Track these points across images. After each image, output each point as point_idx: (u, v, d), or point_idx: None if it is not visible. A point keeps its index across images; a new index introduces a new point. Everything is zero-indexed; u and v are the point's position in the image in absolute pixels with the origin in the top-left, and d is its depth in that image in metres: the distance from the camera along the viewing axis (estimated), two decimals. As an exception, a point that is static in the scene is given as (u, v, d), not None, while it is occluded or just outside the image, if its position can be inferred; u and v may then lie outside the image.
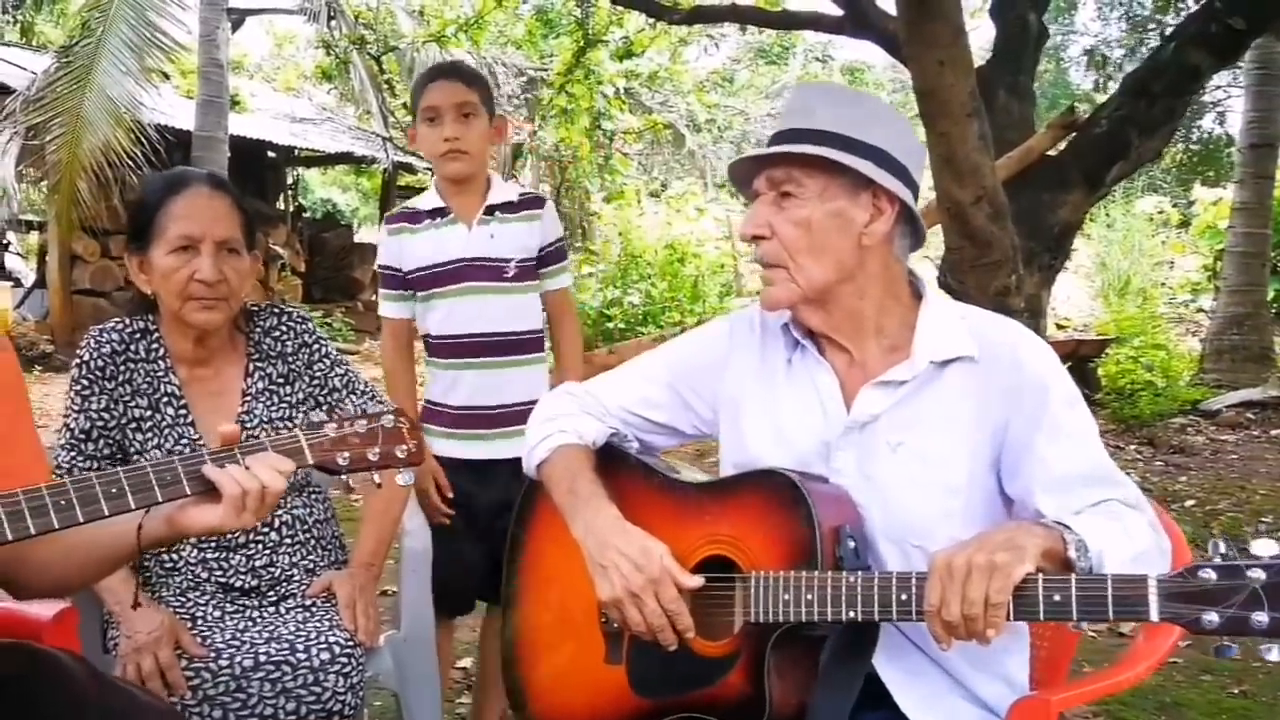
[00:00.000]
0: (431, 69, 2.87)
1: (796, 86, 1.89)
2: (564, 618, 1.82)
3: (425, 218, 2.72)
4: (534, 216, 2.73)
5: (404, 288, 2.73)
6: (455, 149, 2.63)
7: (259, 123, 13.91)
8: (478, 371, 2.68)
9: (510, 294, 2.69)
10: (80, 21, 9.98)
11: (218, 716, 1.94)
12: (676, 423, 1.89)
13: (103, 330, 2.18)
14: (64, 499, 1.40)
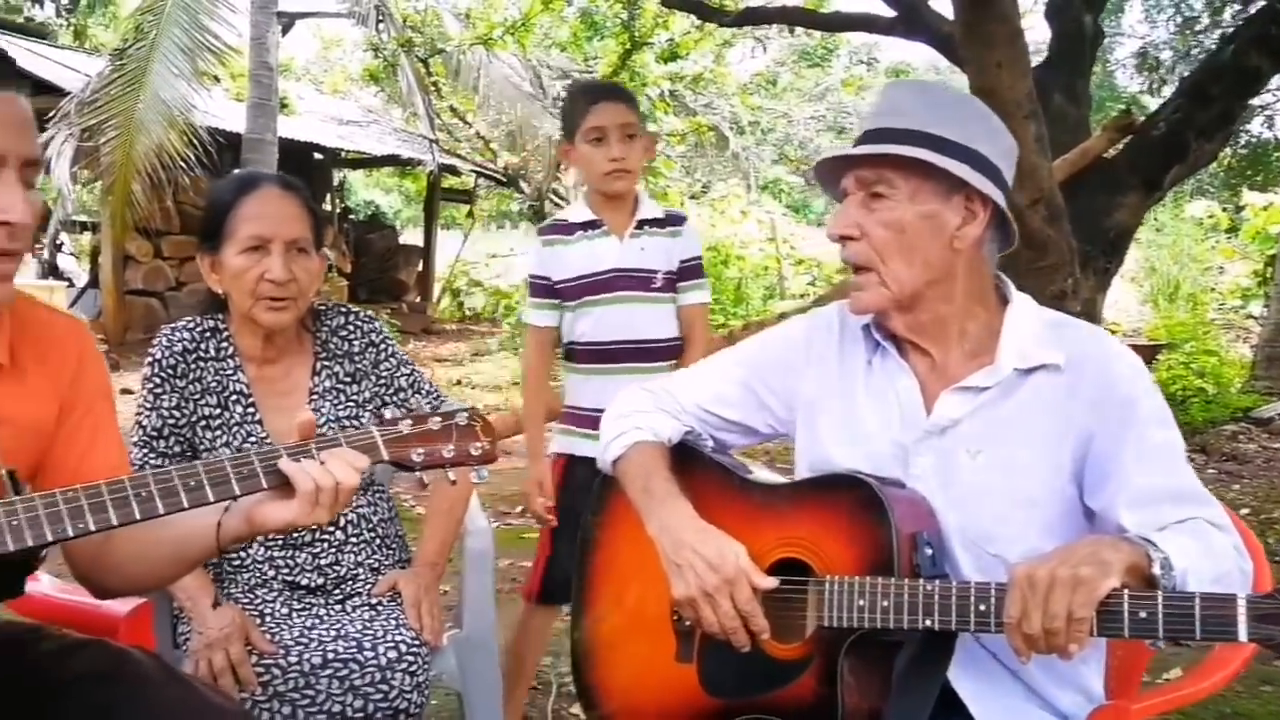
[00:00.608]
0: (591, 89, 3.06)
1: (887, 84, 1.87)
2: (636, 615, 1.82)
3: (578, 229, 2.83)
4: (677, 232, 2.86)
5: (552, 296, 2.83)
6: (621, 168, 2.75)
7: (307, 125, 14.04)
8: (621, 377, 2.73)
9: (656, 304, 2.82)
10: (134, 25, 10.12)
11: (287, 713, 1.96)
12: (751, 421, 1.88)
13: (174, 329, 2.20)
14: (144, 491, 1.41)
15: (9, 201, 1.40)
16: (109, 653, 1.55)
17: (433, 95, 13.63)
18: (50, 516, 1.36)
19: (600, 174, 2.78)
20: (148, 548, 1.59)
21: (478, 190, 17.58)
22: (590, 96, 2.87)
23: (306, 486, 1.47)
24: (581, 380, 2.85)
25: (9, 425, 1.46)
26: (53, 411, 1.57)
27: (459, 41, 12.41)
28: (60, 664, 1.50)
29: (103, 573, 1.61)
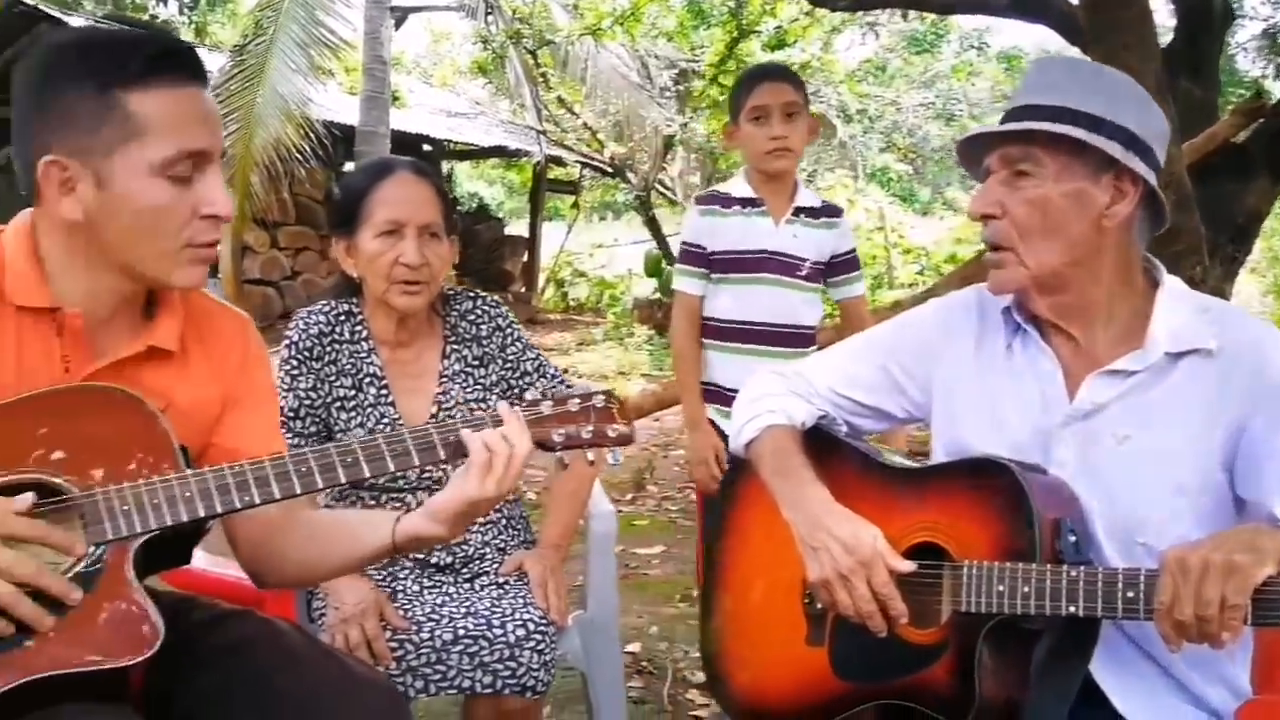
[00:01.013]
0: (756, 70, 3.10)
1: (1038, 61, 1.84)
2: (767, 598, 1.83)
3: (735, 204, 2.88)
4: (833, 224, 2.90)
5: (704, 265, 2.88)
6: (782, 147, 2.79)
7: (417, 117, 14.25)
8: (756, 359, 2.80)
9: (800, 290, 2.85)
10: (254, 21, 10.37)
11: (419, 687, 2.00)
12: (886, 406, 1.86)
13: (310, 312, 2.26)
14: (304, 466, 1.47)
15: (220, 195, 1.47)
16: (258, 623, 1.59)
17: (540, 86, 13.73)
18: (220, 489, 1.42)
19: (761, 152, 2.81)
20: (317, 541, 1.63)
21: (583, 181, 17.68)
22: (754, 76, 2.92)
23: (481, 456, 1.51)
24: (718, 357, 2.90)
25: (176, 409, 1.51)
26: (216, 400, 1.62)
27: (567, 32, 12.48)
28: (212, 633, 1.55)
29: (269, 563, 1.65)
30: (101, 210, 1.42)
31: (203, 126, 1.45)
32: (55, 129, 1.42)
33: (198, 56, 1.50)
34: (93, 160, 1.41)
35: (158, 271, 1.47)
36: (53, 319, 1.47)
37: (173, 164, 1.42)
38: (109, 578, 1.34)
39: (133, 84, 1.40)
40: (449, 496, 1.53)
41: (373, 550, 1.59)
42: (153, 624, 1.32)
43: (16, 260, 1.47)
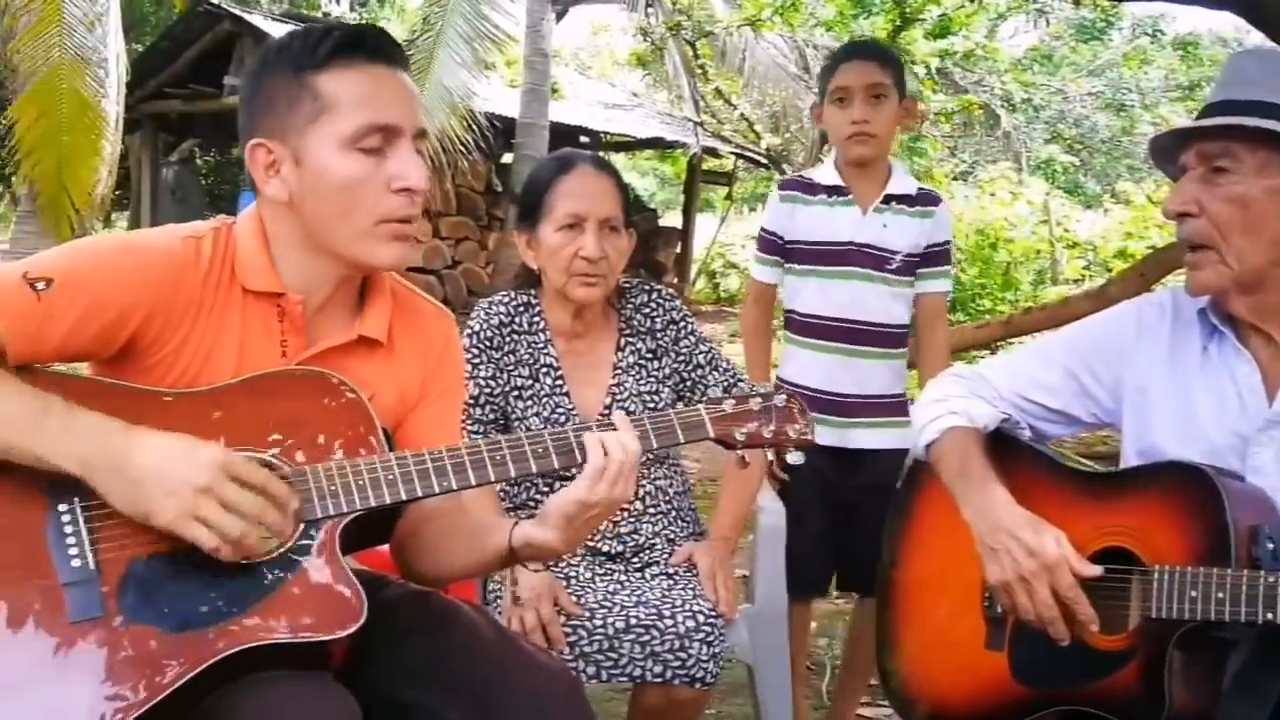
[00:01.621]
0: (844, 48, 2.87)
1: (1236, 55, 1.77)
2: (945, 600, 1.81)
3: (820, 191, 2.70)
4: (928, 213, 2.67)
5: (779, 254, 2.74)
6: (862, 131, 2.60)
7: (574, 109, 14.43)
8: (840, 358, 2.66)
9: (889, 285, 2.65)
10: (422, 16, 10.65)
11: (591, 673, 2.04)
12: (1073, 410, 1.82)
13: (491, 303, 2.32)
14: (498, 454, 1.53)
15: (415, 170, 1.51)
16: (444, 604, 1.64)
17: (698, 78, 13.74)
18: (420, 473, 1.48)
19: (842, 137, 2.63)
20: (451, 540, 1.67)
21: (736, 172, 17.64)
22: (841, 55, 2.74)
23: (596, 458, 1.53)
24: (795, 352, 2.74)
25: (380, 397, 1.58)
26: (415, 391, 1.69)
27: (726, 24, 12.46)
28: (401, 611, 1.60)
29: (413, 552, 1.70)
30: (301, 188, 1.51)
31: (388, 101, 1.51)
32: (260, 116, 1.53)
33: (388, 40, 1.56)
34: (290, 139, 1.50)
35: (357, 251, 1.53)
36: (276, 304, 1.56)
37: (360, 137, 1.48)
38: (319, 554, 1.41)
39: (322, 66, 1.49)
40: (557, 497, 1.55)
41: (492, 555, 1.62)
42: (360, 600, 1.38)
43: (247, 245, 1.56)
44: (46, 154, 9.50)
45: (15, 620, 1.27)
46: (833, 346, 2.67)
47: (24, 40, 9.23)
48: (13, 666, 1.25)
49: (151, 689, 1.26)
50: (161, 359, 1.50)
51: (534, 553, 1.59)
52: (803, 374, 2.71)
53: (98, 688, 1.25)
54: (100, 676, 1.26)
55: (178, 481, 1.31)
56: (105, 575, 1.33)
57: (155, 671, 1.28)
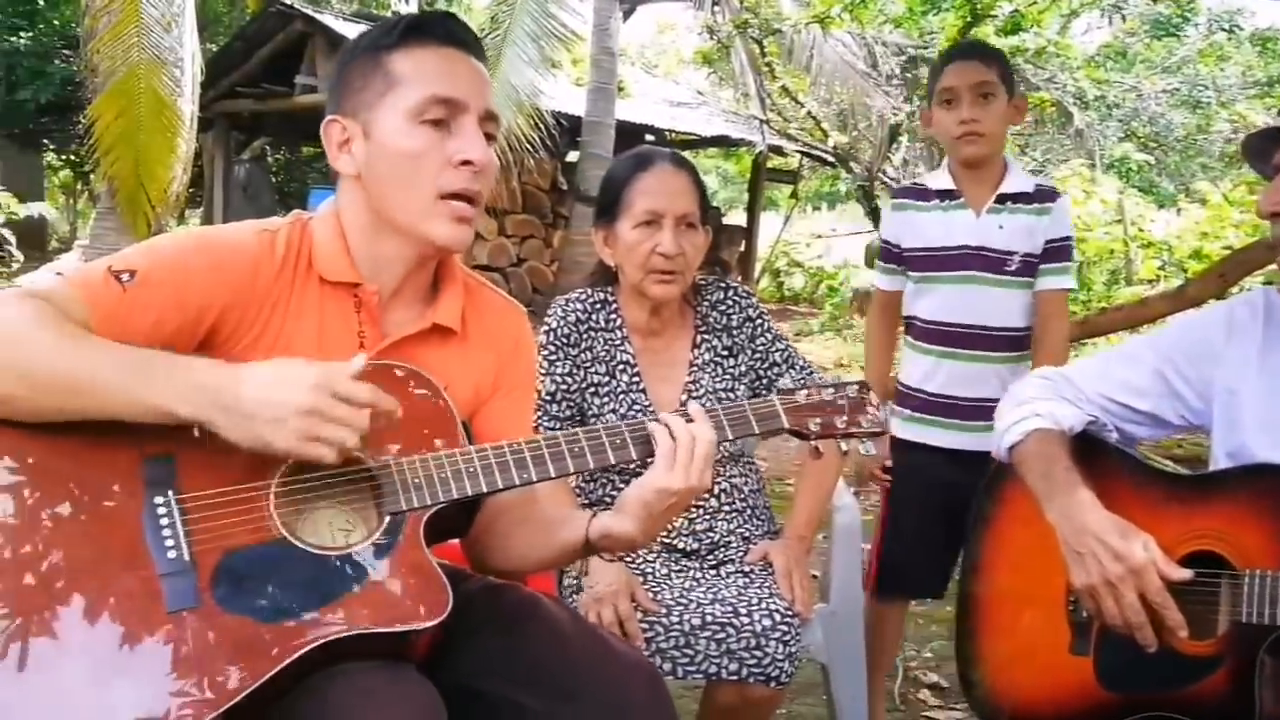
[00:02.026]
0: (949, 49, 2.84)
1: None
2: (1029, 603, 1.79)
3: (934, 197, 2.67)
4: (1046, 209, 2.60)
5: (899, 263, 2.72)
6: (971, 131, 2.56)
7: (640, 107, 14.45)
8: (962, 363, 2.62)
9: (1009, 288, 2.60)
10: (490, 15, 10.73)
11: (667, 669, 2.04)
12: (1162, 411, 1.79)
13: (569, 300, 2.33)
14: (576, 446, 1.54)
15: (470, 144, 1.54)
16: (526, 597, 1.65)
17: (765, 76, 13.68)
18: (500, 465, 1.49)
19: (951, 139, 2.60)
20: (526, 532, 1.68)
21: (802, 171, 17.54)
22: (946, 57, 2.73)
23: (665, 445, 1.53)
24: (915, 357, 2.70)
25: (455, 388, 1.59)
26: (489, 383, 1.71)
27: (794, 21, 12.40)
28: (484, 603, 1.61)
29: (488, 545, 1.71)
30: (369, 160, 1.55)
31: (454, 77, 1.54)
32: (338, 97, 1.59)
33: (461, 25, 1.60)
34: (361, 115, 1.56)
35: (418, 224, 1.55)
36: (353, 294, 1.59)
37: (423, 109, 1.52)
38: (403, 546, 1.43)
39: (394, 47, 1.55)
40: (634, 487, 1.55)
41: (568, 548, 1.62)
42: (445, 592, 1.40)
43: (325, 237, 1.60)
44: (125, 152, 9.71)
45: (116, 610, 1.30)
46: (952, 352, 2.63)
47: (104, 40, 9.44)
48: (113, 655, 1.27)
49: (243, 678, 1.28)
50: (241, 351, 1.52)
51: (611, 544, 1.59)
52: (923, 379, 2.68)
53: (193, 676, 1.27)
54: (195, 665, 1.28)
55: (284, 407, 1.33)
56: (200, 566, 1.35)
57: (247, 661, 1.30)
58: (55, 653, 1.26)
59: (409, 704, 1.35)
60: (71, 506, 1.34)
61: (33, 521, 1.32)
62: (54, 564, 1.30)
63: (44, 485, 1.34)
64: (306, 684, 1.33)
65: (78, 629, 1.27)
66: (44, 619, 1.27)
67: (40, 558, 1.30)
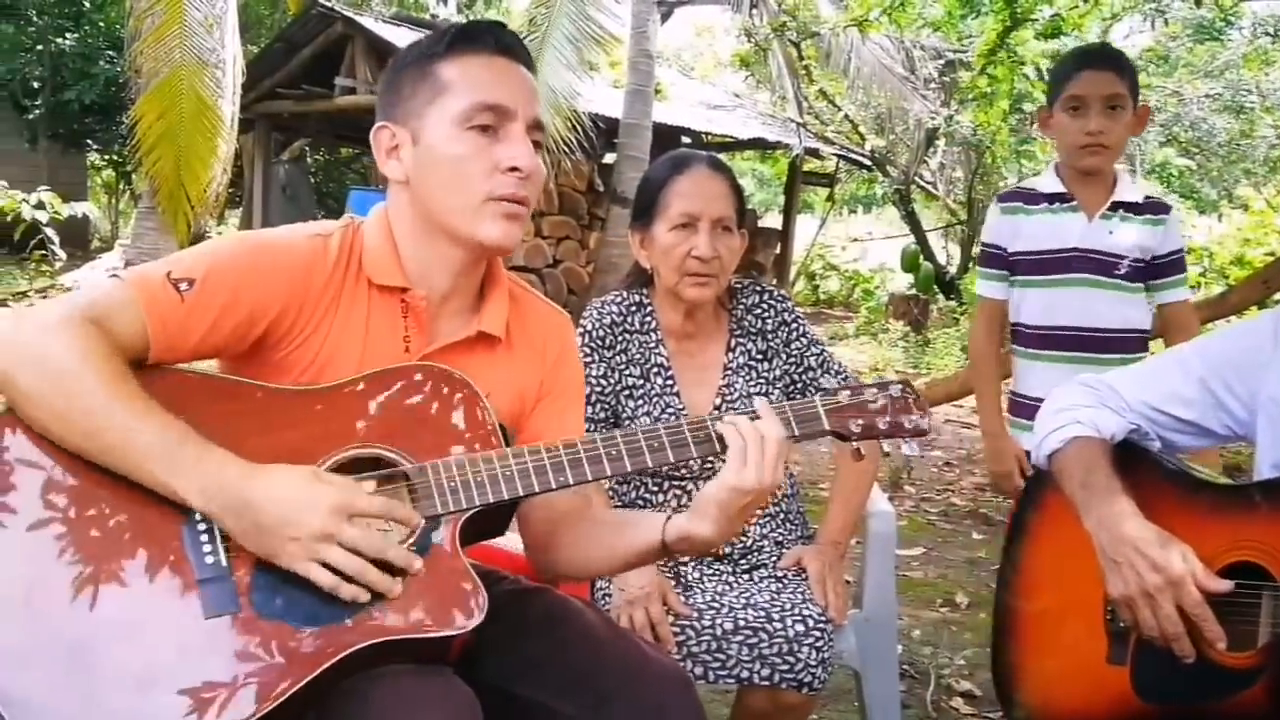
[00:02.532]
0: (1079, 53, 2.81)
1: None
2: (1066, 612, 1.77)
3: (1042, 200, 2.68)
4: (1158, 221, 2.63)
5: (1004, 268, 2.71)
6: (1096, 143, 2.56)
7: (676, 109, 14.42)
8: (1073, 367, 2.59)
9: (1118, 291, 2.61)
10: (528, 18, 10.75)
11: (699, 674, 2.04)
12: (1206, 421, 1.76)
13: (604, 303, 2.33)
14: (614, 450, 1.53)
15: (518, 150, 1.54)
16: (558, 600, 1.66)
17: (802, 79, 13.65)
18: (537, 469, 1.50)
19: (1074, 147, 2.59)
20: (593, 536, 1.67)
21: (838, 174, 17.48)
22: (1077, 62, 2.67)
23: (737, 443, 1.52)
24: (1027, 365, 2.70)
25: (498, 395, 1.60)
26: (533, 390, 1.72)
27: (832, 24, 12.37)
28: (516, 606, 1.62)
29: (548, 550, 1.71)
30: (417, 165, 1.57)
31: (502, 85, 1.55)
32: (387, 104, 1.61)
33: (510, 35, 1.61)
34: (410, 122, 1.57)
35: (467, 226, 1.56)
36: (401, 299, 1.59)
37: (471, 115, 1.53)
38: (439, 550, 1.43)
39: (444, 55, 1.57)
40: (710, 486, 1.53)
41: (643, 549, 1.60)
42: (480, 595, 1.40)
43: (375, 241, 1.61)
44: (166, 152, 9.82)
45: (155, 615, 1.31)
46: (1067, 356, 2.63)
47: (147, 42, 9.55)
48: (153, 659, 1.28)
49: (281, 683, 1.29)
50: (290, 353, 1.54)
51: (688, 546, 1.57)
52: (1041, 386, 2.62)
53: (230, 681, 1.28)
54: (233, 670, 1.29)
55: (299, 528, 1.34)
56: (236, 572, 1.37)
57: (284, 666, 1.31)
58: (95, 656, 1.27)
59: (447, 705, 1.36)
60: (112, 512, 1.36)
61: (75, 527, 1.34)
62: (95, 568, 1.32)
63: (87, 492, 1.36)
64: (344, 686, 1.34)
65: (117, 632, 1.29)
66: (85, 621, 1.29)
67: (82, 562, 1.32)
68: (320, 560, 1.35)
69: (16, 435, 1.37)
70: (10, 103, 14.86)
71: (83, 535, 1.34)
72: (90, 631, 1.28)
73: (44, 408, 1.35)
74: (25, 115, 14.90)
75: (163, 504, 1.37)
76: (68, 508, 1.35)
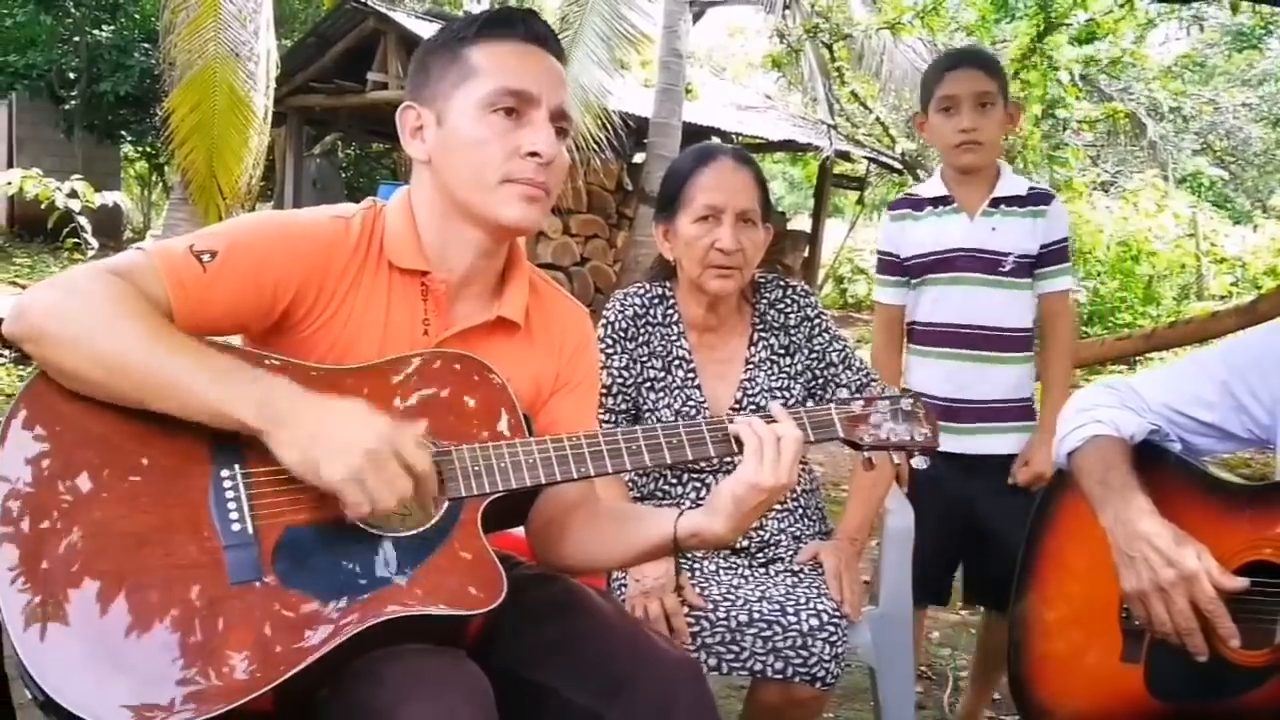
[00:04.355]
0: (947, 55, 2.86)
1: None
2: (1081, 610, 1.78)
3: (927, 204, 2.72)
4: (1040, 213, 2.65)
5: (901, 274, 2.75)
6: (970, 140, 2.61)
7: (707, 110, 14.42)
8: (960, 363, 2.65)
9: (1004, 289, 2.64)
10: (560, 15, 10.78)
11: (712, 665, 2.04)
12: (1227, 424, 1.76)
13: (627, 294, 2.34)
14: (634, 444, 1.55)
15: (538, 135, 1.56)
16: (572, 588, 1.66)
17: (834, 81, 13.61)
18: (559, 458, 1.51)
19: (949, 146, 2.63)
20: (601, 528, 1.68)
21: (869, 177, 17.42)
22: (945, 64, 2.72)
23: (753, 442, 1.53)
24: (917, 361, 2.73)
25: (516, 381, 1.61)
26: (550, 378, 1.73)
27: (865, 27, 12.32)
28: (531, 592, 1.62)
29: (551, 540, 1.71)
30: (439, 146, 1.58)
31: (527, 72, 1.57)
32: (415, 85, 1.63)
33: (541, 23, 1.63)
34: (436, 104, 1.59)
35: (485, 206, 1.57)
36: (421, 282, 1.61)
37: (495, 100, 1.54)
38: (462, 532, 1.45)
39: (473, 40, 1.59)
40: (726, 483, 1.55)
41: (654, 544, 1.61)
42: (500, 578, 1.41)
43: (396, 223, 1.63)
44: (199, 144, 9.88)
45: (180, 580, 1.32)
46: (953, 353, 2.67)
47: (182, 35, 9.61)
48: (174, 623, 1.29)
49: (300, 653, 1.30)
50: (312, 333, 1.55)
51: (700, 542, 1.59)
52: (925, 382, 2.70)
53: (249, 650, 1.29)
54: (255, 637, 1.30)
55: (350, 442, 1.35)
56: (263, 540, 1.38)
57: (304, 636, 1.32)
58: (118, 615, 1.28)
59: (461, 687, 1.36)
60: (140, 476, 1.37)
61: (102, 488, 1.34)
62: (121, 530, 1.33)
63: (114, 453, 1.37)
64: (360, 662, 1.35)
65: (140, 594, 1.30)
66: (110, 582, 1.29)
67: (108, 522, 1.33)
68: (360, 480, 1.34)
69: (42, 403, 1.37)
70: (47, 93, 15.01)
71: (108, 496, 1.34)
72: (111, 590, 1.29)
73: (84, 351, 1.34)
74: (61, 106, 15.05)
75: (191, 470, 1.39)
76: (93, 469, 1.35)
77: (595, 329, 2.27)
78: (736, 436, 1.55)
